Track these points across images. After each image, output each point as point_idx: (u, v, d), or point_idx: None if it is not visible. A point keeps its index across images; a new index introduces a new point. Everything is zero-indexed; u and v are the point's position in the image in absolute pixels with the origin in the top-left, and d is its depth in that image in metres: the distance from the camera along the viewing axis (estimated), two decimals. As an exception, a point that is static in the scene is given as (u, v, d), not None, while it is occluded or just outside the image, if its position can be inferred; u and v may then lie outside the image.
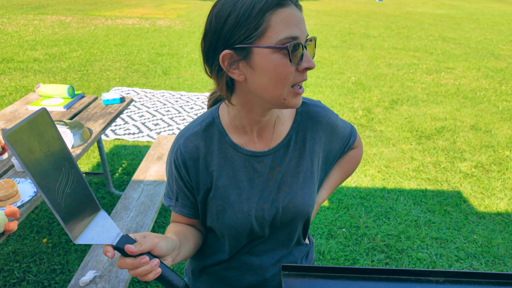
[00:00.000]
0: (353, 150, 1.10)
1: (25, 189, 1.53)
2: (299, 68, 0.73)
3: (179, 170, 0.88)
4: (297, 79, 0.74)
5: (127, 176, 3.22)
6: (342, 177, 1.10)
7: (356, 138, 1.06)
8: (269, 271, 0.97)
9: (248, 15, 0.69)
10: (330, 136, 0.95)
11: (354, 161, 1.11)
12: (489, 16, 14.73)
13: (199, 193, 0.89)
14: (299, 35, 0.71)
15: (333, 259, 2.36)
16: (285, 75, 0.72)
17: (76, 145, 1.92)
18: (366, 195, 3.03)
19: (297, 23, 0.71)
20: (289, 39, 0.70)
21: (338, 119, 0.98)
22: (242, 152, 0.87)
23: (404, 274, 0.83)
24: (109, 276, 1.73)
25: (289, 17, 0.70)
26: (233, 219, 0.87)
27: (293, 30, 0.70)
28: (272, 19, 0.69)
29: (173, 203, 0.93)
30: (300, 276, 0.84)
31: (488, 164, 3.56)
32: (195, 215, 0.94)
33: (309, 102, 0.93)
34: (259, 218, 0.88)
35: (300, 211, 0.90)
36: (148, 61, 6.87)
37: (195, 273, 1.06)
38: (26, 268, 2.22)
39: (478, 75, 6.60)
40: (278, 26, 0.70)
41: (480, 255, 2.42)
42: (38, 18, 11.13)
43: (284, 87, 0.74)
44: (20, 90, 5.15)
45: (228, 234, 0.91)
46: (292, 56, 0.71)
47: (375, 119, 4.53)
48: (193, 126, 0.89)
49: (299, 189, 0.89)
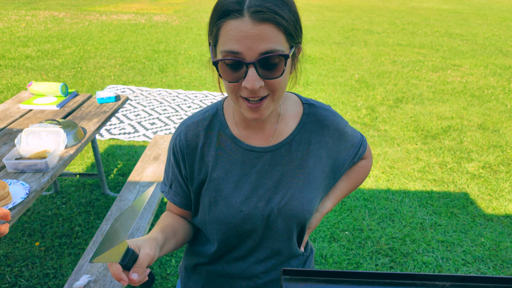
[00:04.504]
0: (362, 160, 1.09)
1: (17, 190, 1.53)
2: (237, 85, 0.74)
3: (177, 156, 0.91)
4: (242, 93, 0.74)
5: (123, 177, 3.22)
6: (349, 188, 1.09)
7: (366, 149, 1.06)
8: (261, 278, 0.98)
9: (210, 20, 0.74)
10: (337, 142, 0.94)
11: (362, 172, 1.10)
12: (497, 12, 14.73)
13: (193, 183, 0.91)
14: (241, 51, 0.69)
15: (336, 263, 2.36)
16: (227, 85, 0.75)
17: (69, 145, 1.92)
18: (370, 196, 3.03)
19: (240, 38, 0.68)
20: (228, 53, 0.70)
21: (347, 126, 0.97)
22: (241, 146, 0.88)
23: (409, 279, 0.83)
24: (103, 281, 1.73)
25: (233, 31, 0.69)
26: (224, 213, 0.88)
27: (233, 44, 0.69)
28: (222, 28, 0.71)
29: (167, 190, 0.97)
30: (301, 280, 0.84)
31: (496, 164, 3.56)
32: (186, 206, 0.96)
33: (317, 104, 0.93)
34: (251, 216, 0.88)
35: (296, 215, 0.89)
36: (144, 58, 6.86)
37: (188, 270, 1.07)
38: (18, 273, 2.22)
39: (485, 72, 6.60)
40: (223, 37, 0.71)
41: (487, 259, 2.42)
42: (30, 14, 11.13)
43: (233, 96, 0.76)
44: (12, 88, 5.15)
45: (218, 230, 0.91)
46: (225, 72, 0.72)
47: (379, 118, 4.53)
48: (196, 115, 0.92)
49: (297, 192, 0.89)
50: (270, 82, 0.73)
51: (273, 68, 0.71)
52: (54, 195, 2.94)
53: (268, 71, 0.71)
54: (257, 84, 0.71)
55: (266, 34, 0.68)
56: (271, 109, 0.79)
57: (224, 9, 0.69)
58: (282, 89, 0.76)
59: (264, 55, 0.69)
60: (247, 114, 0.78)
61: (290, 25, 0.71)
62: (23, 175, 1.65)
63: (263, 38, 0.68)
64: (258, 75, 0.71)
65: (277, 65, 0.71)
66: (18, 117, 2.27)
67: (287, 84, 0.79)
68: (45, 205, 2.81)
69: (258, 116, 0.77)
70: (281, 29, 0.69)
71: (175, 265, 2.29)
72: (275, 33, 0.69)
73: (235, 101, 0.78)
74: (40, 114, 2.32)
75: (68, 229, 2.57)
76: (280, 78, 0.73)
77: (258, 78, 0.71)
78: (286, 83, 0.78)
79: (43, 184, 1.60)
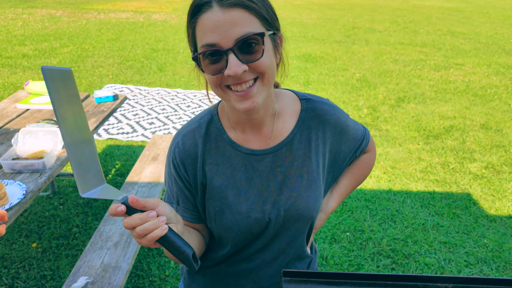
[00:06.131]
0: (365, 154, 1.06)
1: (13, 191, 1.53)
2: (220, 76, 0.73)
3: (178, 169, 0.88)
4: (228, 81, 0.74)
5: (121, 177, 3.22)
6: (353, 184, 1.07)
7: (369, 141, 1.03)
8: (266, 280, 0.97)
9: (186, 25, 0.76)
10: (338, 136, 0.92)
11: (366, 167, 1.08)
12: (500, 10, 14.74)
13: (197, 193, 0.89)
14: (217, 41, 0.69)
15: (337, 264, 2.36)
16: (210, 79, 0.75)
17: (67, 145, 1.92)
18: (371, 197, 3.03)
19: (214, 28, 0.69)
20: (205, 47, 0.71)
21: (348, 119, 0.95)
22: (241, 150, 0.87)
23: (411, 280, 0.83)
24: (101, 283, 1.73)
25: (205, 24, 0.70)
26: (231, 221, 0.87)
27: (208, 36, 0.70)
28: (196, 26, 0.73)
29: (174, 207, 0.91)
30: (302, 282, 0.84)
31: (499, 164, 3.56)
32: (198, 219, 0.92)
33: (316, 99, 0.91)
34: (259, 220, 0.87)
35: (303, 215, 0.89)
36: (143, 57, 6.87)
37: (191, 273, 1.06)
38: (14, 274, 2.22)
39: (488, 71, 6.60)
40: (199, 33, 0.72)
41: (490, 260, 2.42)
42: (27, 12, 11.13)
43: (218, 89, 0.76)
44: (8, 88, 5.15)
45: (227, 237, 0.90)
46: (207, 65, 0.73)
47: (381, 118, 4.53)
48: (191, 123, 0.90)
49: (303, 191, 0.88)
50: (254, 65, 0.72)
51: (252, 50, 0.71)
52: (52, 195, 2.94)
53: (248, 55, 0.71)
54: (239, 69, 0.70)
55: (237, 19, 0.69)
56: (264, 96, 0.76)
57: (194, 6, 0.72)
58: (270, 70, 0.75)
59: (240, 39, 0.69)
60: (238, 106, 0.75)
61: (261, 9, 0.72)
62: (20, 175, 1.65)
63: (235, 23, 0.69)
64: (239, 60, 0.71)
65: (256, 46, 0.71)
66: (15, 116, 2.27)
67: (274, 67, 0.78)
68: (42, 206, 2.81)
69: (251, 104, 0.74)
70: (253, 13, 0.70)
71: (174, 266, 2.30)
72: (247, 17, 0.70)
73: (223, 96, 0.77)
74: (37, 113, 2.32)
75: (66, 230, 2.57)
76: (263, 59, 0.72)
77: (239, 63, 0.70)
78: (273, 65, 0.76)
79: (40, 184, 1.60)
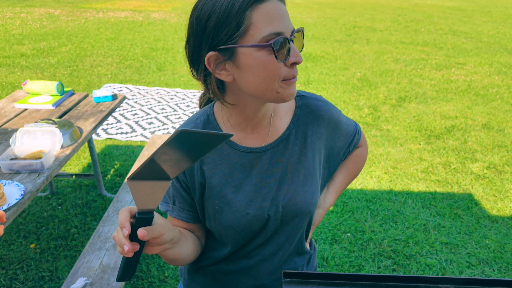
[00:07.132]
0: (358, 149, 1.10)
1: (11, 191, 1.53)
2: (287, 63, 0.75)
3: None
4: (286, 75, 0.76)
5: (120, 177, 3.22)
6: (349, 179, 1.11)
7: (361, 136, 1.07)
8: (267, 277, 0.98)
9: (228, 15, 0.71)
10: (332, 132, 0.96)
11: (359, 161, 1.12)
12: (502, 9, 14.74)
13: (195, 193, 0.90)
14: (283, 30, 0.72)
15: (337, 265, 2.36)
16: (273, 72, 0.74)
17: (65, 145, 1.92)
18: (372, 197, 3.03)
19: (280, 17, 0.72)
20: (273, 36, 0.72)
21: (341, 114, 0.98)
22: (239, 149, 0.89)
23: (412, 281, 0.83)
24: (100, 284, 1.73)
25: (271, 12, 0.71)
26: (230, 219, 0.88)
27: (275, 25, 0.72)
28: (253, 16, 0.71)
29: (170, 207, 0.92)
30: (302, 283, 0.84)
31: (501, 165, 3.56)
32: (194, 219, 0.94)
33: (309, 95, 0.95)
34: (258, 216, 0.89)
35: (301, 209, 0.91)
36: (142, 56, 6.87)
37: (191, 272, 1.07)
38: (12, 275, 2.22)
39: (490, 71, 6.60)
40: (259, 23, 0.71)
41: (492, 261, 2.42)
42: (25, 11, 11.13)
43: (274, 83, 0.76)
44: (6, 87, 5.15)
45: (227, 235, 0.92)
46: (278, 53, 0.73)
47: (382, 118, 4.53)
48: (187, 124, 0.91)
49: (300, 186, 0.91)
50: None
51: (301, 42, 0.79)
52: (50, 196, 2.94)
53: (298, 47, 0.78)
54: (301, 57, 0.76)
55: (287, 12, 0.76)
56: None
57: None
58: None
59: (295, 31, 0.75)
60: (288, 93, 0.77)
61: None
62: (18, 175, 1.65)
63: (287, 16, 0.75)
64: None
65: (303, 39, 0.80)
66: (13, 116, 2.27)
67: None
68: (41, 207, 2.81)
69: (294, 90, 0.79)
70: None
71: (173, 267, 2.30)
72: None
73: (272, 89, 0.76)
74: (35, 113, 2.32)
75: (64, 231, 2.57)
76: None
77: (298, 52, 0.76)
78: None
79: (38, 185, 1.60)
